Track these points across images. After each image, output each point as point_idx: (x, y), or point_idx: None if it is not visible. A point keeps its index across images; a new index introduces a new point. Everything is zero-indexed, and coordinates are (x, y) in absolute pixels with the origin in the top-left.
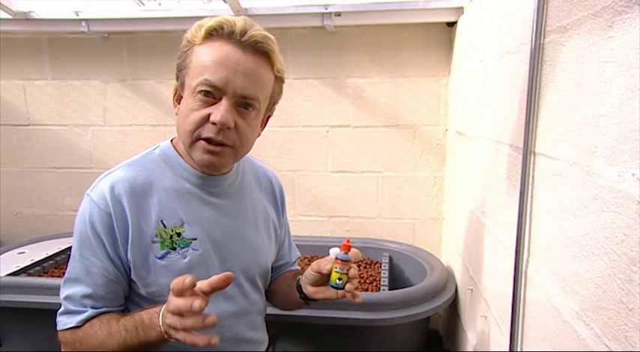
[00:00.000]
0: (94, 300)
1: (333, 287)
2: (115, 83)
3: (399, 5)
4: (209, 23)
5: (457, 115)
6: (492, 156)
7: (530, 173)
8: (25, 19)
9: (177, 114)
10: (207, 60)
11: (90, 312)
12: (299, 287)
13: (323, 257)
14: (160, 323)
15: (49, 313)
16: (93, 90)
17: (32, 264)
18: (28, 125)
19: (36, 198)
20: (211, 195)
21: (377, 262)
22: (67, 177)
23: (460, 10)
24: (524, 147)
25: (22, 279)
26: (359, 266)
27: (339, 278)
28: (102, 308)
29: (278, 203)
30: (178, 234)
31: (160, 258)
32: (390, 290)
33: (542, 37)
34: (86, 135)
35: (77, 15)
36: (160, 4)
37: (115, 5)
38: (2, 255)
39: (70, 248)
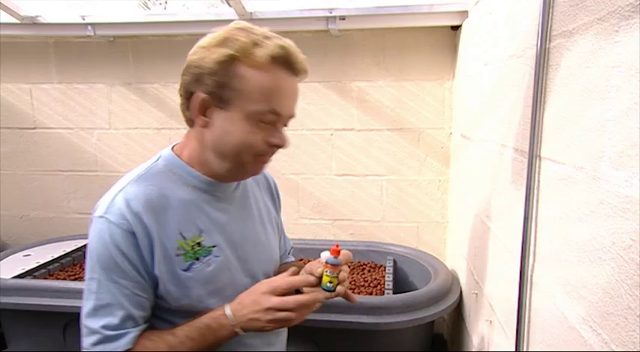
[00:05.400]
0: (134, 321)
1: (324, 290)
2: (120, 86)
3: (404, 9)
4: (275, 50)
5: (462, 119)
6: (497, 160)
7: (536, 177)
8: (32, 23)
9: (205, 126)
10: (273, 89)
11: (134, 332)
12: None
13: None
14: (233, 323)
15: (54, 315)
16: (98, 93)
17: (38, 266)
18: (34, 128)
19: (42, 200)
20: (221, 201)
21: (381, 266)
22: (73, 180)
23: (465, 13)
24: (529, 151)
25: (28, 282)
26: (363, 270)
27: (330, 282)
28: (142, 325)
29: (275, 197)
30: (199, 244)
31: (185, 270)
32: (394, 293)
33: (547, 42)
34: (91, 139)
35: (83, 19)
36: (165, 9)
37: (121, 9)
38: (8, 258)
39: (76, 250)
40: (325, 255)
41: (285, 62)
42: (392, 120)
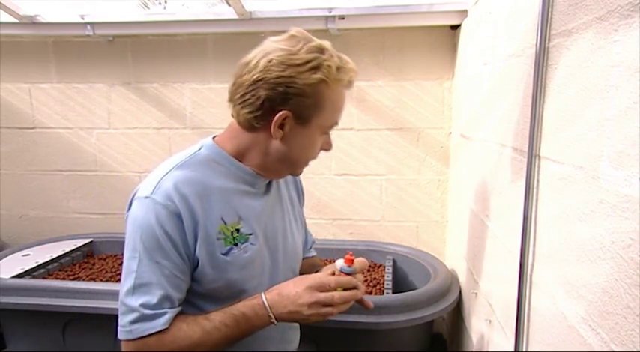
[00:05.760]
0: (171, 302)
1: None
2: (119, 86)
3: (403, 8)
4: (350, 74)
5: (461, 118)
6: (497, 160)
7: (535, 177)
8: (32, 22)
9: (279, 138)
10: (341, 105)
11: (171, 313)
12: None
13: (327, 260)
14: (270, 313)
15: (54, 315)
16: (98, 93)
17: (37, 266)
18: (33, 128)
19: (41, 200)
20: (258, 193)
21: (380, 265)
22: (72, 180)
23: (464, 13)
24: (528, 150)
25: (27, 281)
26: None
27: (345, 290)
28: (177, 307)
29: (300, 191)
30: (237, 230)
31: (224, 254)
32: (393, 293)
33: (547, 41)
34: (91, 138)
35: (82, 19)
36: (164, 8)
37: (120, 9)
38: (7, 258)
39: (75, 249)
40: (340, 264)
41: (350, 83)
42: (391, 120)
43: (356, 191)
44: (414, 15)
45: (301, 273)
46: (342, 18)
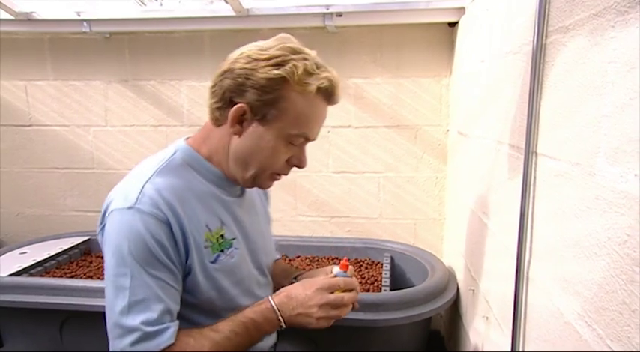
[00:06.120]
0: (171, 315)
1: None
2: (116, 84)
3: (401, 6)
4: (324, 83)
5: (458, 116)
6: (494, 157)
7: (532, 173)
8: (27, 19)
9: (237, 134)
10: (310, 116)
11: (173, 327)
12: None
13: (324, 257)
14: (280, 317)
15: (51, 313)
16: (94, 90)
17: (34, 264)
18: (29, 125)
19: (38, 198)
20: (234, 195)
21: (378, 263)
22: (69, 178)
23: (461, 10)
24: (525, 147)
25: (24, 279)
26: (360, 267)
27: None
28: (176, 320)
29: (262, 193)
30: (222, 236)
31: (212, 262)
32: (391, 290)
33: (544, 38)
34: (88, 136)
35: (79, 16)
36: (161, 5)
37: (117, 6)
38: (4, 255)
39: (72, 247)
40: (336, 270)
41: (327, 94)
42: (389, 117)
43: (353, 188)
44: (411, 12)
45: (275, 280)
46: (339, 15)
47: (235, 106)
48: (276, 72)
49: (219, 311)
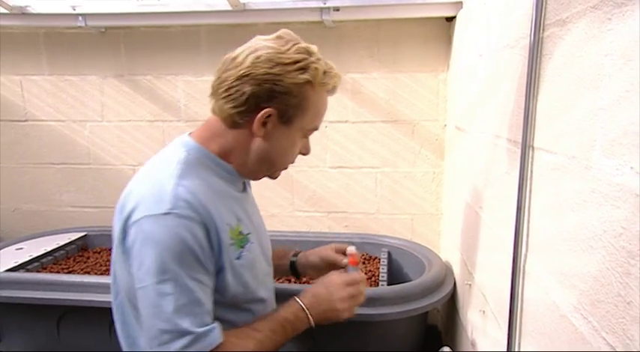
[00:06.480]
0: (211, 315)
1: None
2: (112, 78)
3: (398, 0)
4: (335, 80)
5: (456, 110)
6: (491, 151)
7: (529, 167)
8: (22, 13)
9: (263, 137)
10: (322, 110)
11: (218, 326)
12: (292, 264)
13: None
14: (309, 315)
15: (48, 308)
16: (90, 85)
17: (31, 259)
18: (25, 121)
19: (34, 193)
20: (242, 191)
21: (375, 257)
22: (65, 173)
23: (459, 4)
24: (522, 141)
25: (21, 275)
26: None
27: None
28: (215, 321)
29: (247, 181)
30: (240, 232)
31: (238, 259)
32: (388, 285)
33: (541, 31)
34: (84, 131)
35: (74, 10)
36: None
37: (112, 0)
38: (0, 251)
39: (69, 243)
40: (348, 265)
41: (334, 89)
42: (386, 112)
43: (351, 184)
44: (409, 7)
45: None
46: (336, 9)
47: (263, 111)
48: (302, 76)
49: (241, 305)
